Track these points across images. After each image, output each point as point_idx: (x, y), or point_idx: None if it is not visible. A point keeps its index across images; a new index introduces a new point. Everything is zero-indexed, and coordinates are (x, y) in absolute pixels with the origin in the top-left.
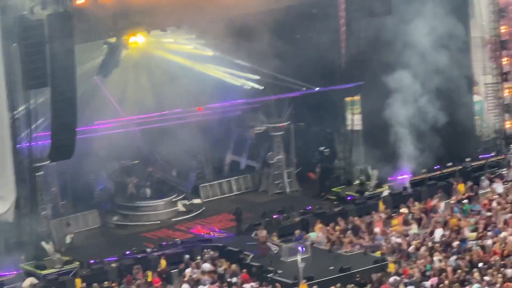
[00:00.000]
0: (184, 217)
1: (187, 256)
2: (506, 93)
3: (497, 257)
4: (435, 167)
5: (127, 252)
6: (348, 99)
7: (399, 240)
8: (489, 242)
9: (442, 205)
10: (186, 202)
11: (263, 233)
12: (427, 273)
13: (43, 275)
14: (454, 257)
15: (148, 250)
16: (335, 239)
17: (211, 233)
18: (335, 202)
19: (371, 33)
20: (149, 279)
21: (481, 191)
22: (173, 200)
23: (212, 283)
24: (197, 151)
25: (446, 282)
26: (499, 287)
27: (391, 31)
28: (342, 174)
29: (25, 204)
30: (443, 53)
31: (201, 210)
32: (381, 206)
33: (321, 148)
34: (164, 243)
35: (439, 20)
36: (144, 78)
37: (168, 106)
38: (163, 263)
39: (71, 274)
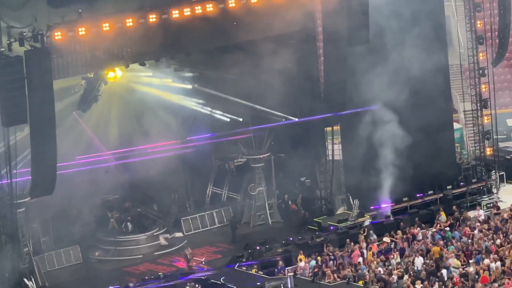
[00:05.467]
0: (166, 250)
1: None
2: (485, 120)
3: (480, 285)
4: (416, 195)
5: (110, 287)
6: (328, 129)
7: (381, 269)
8: (471, 269)
9: (424, 233)
10: (168, 235)
11: (189, 250)
12: None
13: None
14: (437, 285)
15: (131, 284)
16: (317, 269)
17: (202, 262)
18: (317, 233)
19: (350, 63)
20: None
21: (462, 219)
22: (154, 234)
23: None
24: (178, 184)
25: None
26: None
27: (371, 61)
28: (323, 204)
29: (7, 241)
30: (422, 81)
31: (183, 243)
32: (362, 236)
33: (302, 179)
34: (146, 277)
35: (417, 49)
36: (123, 112)
37: (148, 140)
38: None
39: None
